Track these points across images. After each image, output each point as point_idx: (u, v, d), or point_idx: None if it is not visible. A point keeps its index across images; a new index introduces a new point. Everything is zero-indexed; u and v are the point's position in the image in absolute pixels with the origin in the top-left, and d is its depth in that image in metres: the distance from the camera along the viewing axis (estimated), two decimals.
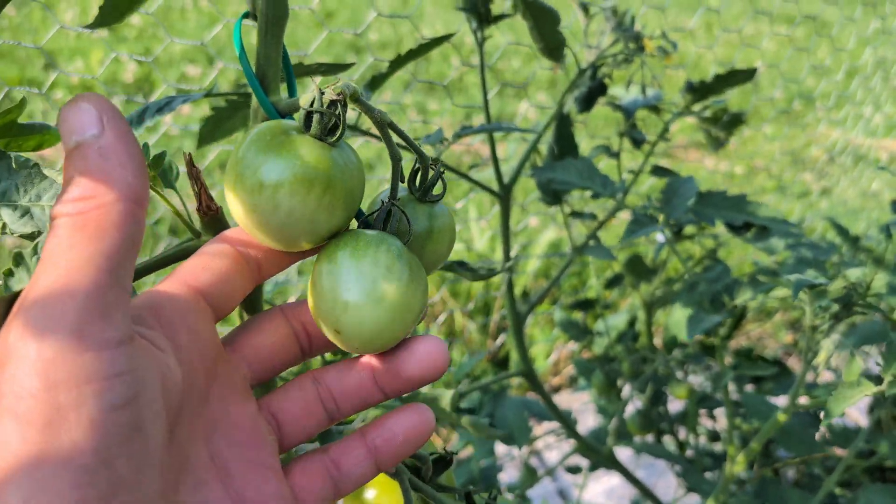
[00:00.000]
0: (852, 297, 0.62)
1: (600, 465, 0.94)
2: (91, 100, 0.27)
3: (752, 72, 0.88)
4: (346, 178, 0.32)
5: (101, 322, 0.25)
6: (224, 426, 0.32)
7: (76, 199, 0.26)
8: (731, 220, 0.81)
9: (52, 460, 0.23)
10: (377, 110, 0.36)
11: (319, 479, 0.34)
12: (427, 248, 0.36)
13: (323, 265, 0.33)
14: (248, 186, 0.32)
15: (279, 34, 0.41)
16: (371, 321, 0.32)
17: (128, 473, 0.24)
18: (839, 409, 0.58)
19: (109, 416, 0.24)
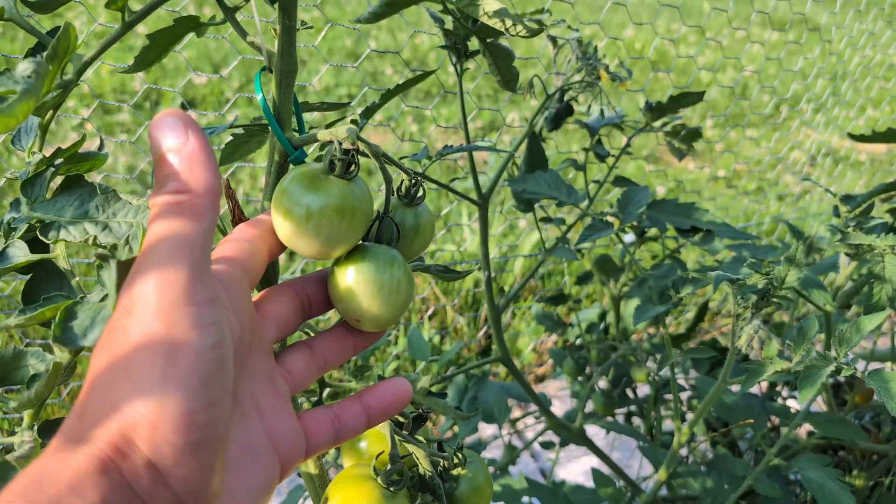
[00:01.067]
0: (769, 290, 0.74)
1: (571, 441, 1.06)
2: (176, 114, 0.36)
3: (700, 94, 1.00)
4: (363, 204, 0.46)
5: (201, 285, 0.33)
6: (257, 374, 0.41)
7: (174, 191, 0.35)
8: (679, 224, 0.93)
9: (173, 381, 0.31)
10: (373, 145, 0.49)
11: (324, 425, 0.44)
12: (416, 240, 0.50)
13: (348, 273, 0.46)
14: (297, 218, 0.44)
15: (291, 83, 0.53)
16: (385, 316, 0.46)
17: (218, 395, 0.32)
18: (752, 383, 0.70)
19: (208, 352, 0.32)
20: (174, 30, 0.56)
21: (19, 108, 0.33)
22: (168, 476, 0.31)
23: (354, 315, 0.46)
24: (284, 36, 0.51)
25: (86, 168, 0.61)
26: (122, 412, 0.31)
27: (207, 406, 0.32)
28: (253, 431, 0.39)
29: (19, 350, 0.54)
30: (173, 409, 0.31)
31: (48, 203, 0.49)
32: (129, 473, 0.30)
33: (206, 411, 0.32)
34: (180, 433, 0.31)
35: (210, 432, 0.32)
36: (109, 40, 0.50)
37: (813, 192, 2.72)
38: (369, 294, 0.45)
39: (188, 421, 0.31)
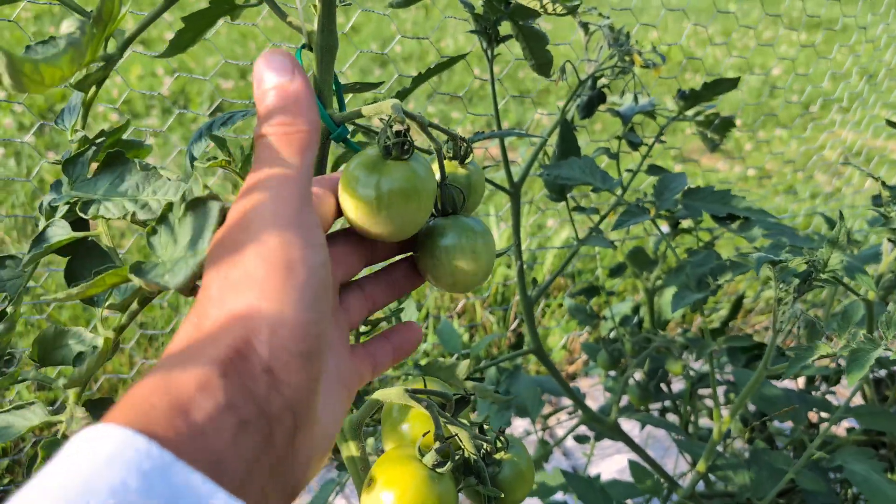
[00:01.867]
0: (811, 273, 0.73)
1: (606, 435, 1.04)
2: (283, 54, 0.39)
3: (735, 80, 0.99)
4: (426, 182, 0.45)
5: (308, 209, 0.35)
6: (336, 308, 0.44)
7: (281, 123, 0.37)
8: (715, 211, 0.91)
9: (292, 291, 0.33)
10: (418, 115, 0.48)
11: (365, 362, 0.46)
12: (471, 197, 0.52)
13: (438, 243, 0.47)
14: (365, 204, 0.44)
15: (331, 61, 0.53)
16: (475, 279, 0.48)
17: (325, 311, 0.35)
18: (796, 368, 0.69)
19: (319, 269, 0.34)
20: (209, 12, 0.56)
21: (63, 60, 0.33)
22: (282, 383, 0.32)
23: (448, 282, 0.48)
24: (324, 11, 0.51)
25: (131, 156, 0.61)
26: (243, 317, 0.32)
27: (319, 318, 0.34)
28: (339, 356, 0.42)
29: (61, 329, 0.54)
30: (292, 317, 0.32)
31: (89, 182, 0.49)
32: (248, 377, 0.31)
33: (317, 323, 0.34)
34: (297, 341, 0.33)
35: (319, 344, 0.34)
36: (150, 17, 0.50)
37: (845, 190, 2.68)
38: (457, 258, 0.47)
39: (304, 330, 0.33)
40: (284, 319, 0.33)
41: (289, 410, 0.33)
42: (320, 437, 0.37)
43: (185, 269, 0.37)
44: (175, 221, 0.40)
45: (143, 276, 0.38)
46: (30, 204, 2.11)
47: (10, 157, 2.28)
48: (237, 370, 0.31)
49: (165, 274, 0.38)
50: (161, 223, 0.41)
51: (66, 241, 0.49)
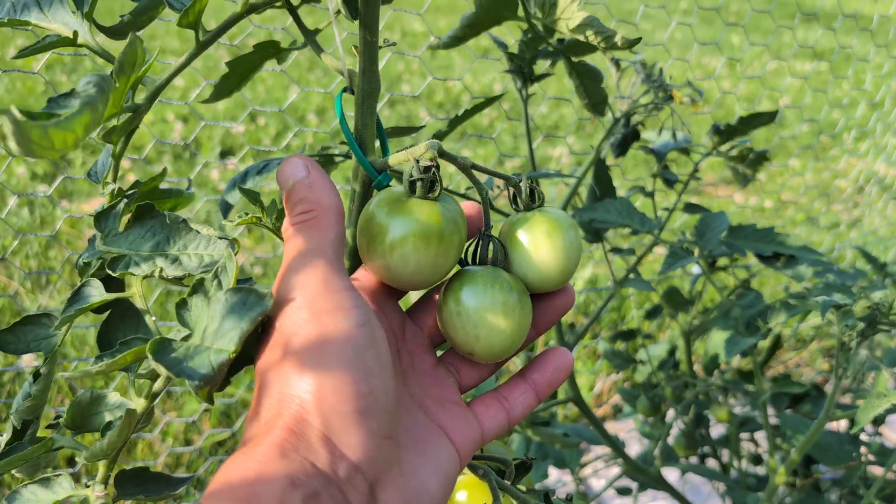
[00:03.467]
0: (876, 316, 0.69)
1: (649, 486, 0.99)
2: (298, 157, 0.41)
3: (773, 114, 0.96)
4: (453, 225, 0.41)
5: (338, 277, 0.36)
6: (413, 373, 0.43)
7: (302, 211, 0.39)
8: (760, 250, 0.88)
9: (328, 356, 0.34)
10: (460, 158, 0.45)
11: (494, 408, 0.44)
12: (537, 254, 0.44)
13: (451, 305, 0.42)
14: (381, 250, 0.41)
15: (373, 105, 0.50)
16: (498, 347, 0.42)
17: (374, 366, 0.35)
18: (866, 418, 0.64)
19: (357, 329, 0.35)
20: (254, 56, 0.53)
21: (76, 122, 0.30)
22: (342, 445, 0.33)
23: (464, 350, 0.42)
24: (366, 53, 0.48)
25: (167, 207, 0.58)
26: (291, 398, 0.34)
27: (365, 375, 0.34)
28: (420, 423, 0.41)
29: (97, 394, 0.50)
30: (334, 380, 0.33)
31: (120, 236, 0.46)
32: (308, 452, 0.33)
33: (365, 380, 0.34)
34: (345, 401, 0.33)
35: (373, 401, 0.34)
36: (184, 62, 0.47)
37: (865, 219, 2.64)
38: (472, 325, 0.41)
39: (350, 390, 0.34)
40: (328, 384, 0.33)
41: (357, 472, 0.34)
42: (415, 493, 0.37)
43: (208, 363, 0.35)
44: (211, 297, 0.37)
45: (162, 360, 0.36)
46: (44, 254, 2.08)
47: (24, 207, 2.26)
48: (295, 447, 0.33)
49: (186, 362, 0.35)
50: (194, 294, 0.38)
51: (99, 303, 0.46)
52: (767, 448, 1.25)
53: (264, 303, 0.35)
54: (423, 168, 0.41)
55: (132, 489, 0.50)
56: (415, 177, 0.41)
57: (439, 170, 0.42)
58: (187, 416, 1.44)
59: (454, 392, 0.44)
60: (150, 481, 0.47)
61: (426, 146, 0.43)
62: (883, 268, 1.15)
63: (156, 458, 1.38)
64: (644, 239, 0.92)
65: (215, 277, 0.38)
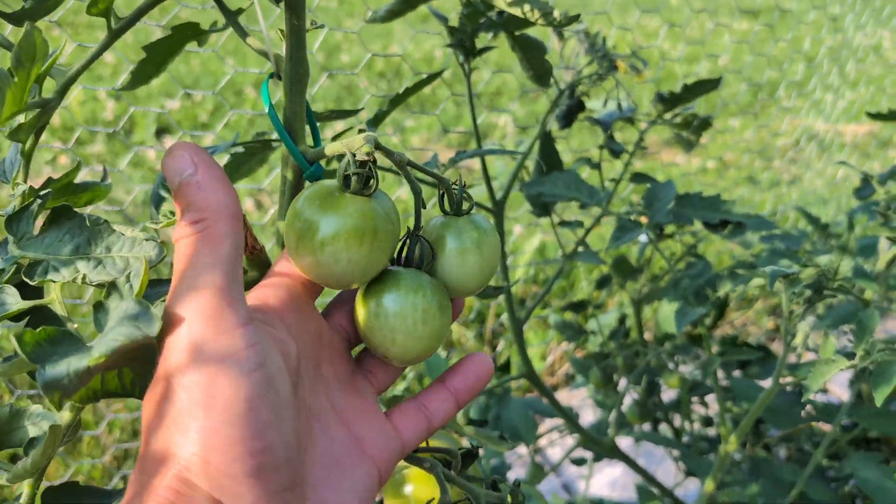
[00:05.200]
0: (822, 283, 0.69)
1: (604, 456, 1.00)
2: (183, 147, 0.36)
3: (717, 81, 0.95)
4: (388, 223, 0.39)
5: (229, 310, 0.32)
6: (335, 382, 0.40)
7: (189, 223, 0.34)
8: (707, 218, 0.87)
9: (215, 413, 0.30)
10: (396, 153, 0.42)
11: (414, 417, 0.42)
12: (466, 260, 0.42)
13: (371, 306, 0.40)
14: (310, 247, 0.38)
15: (302, 91, 0.47)
16: (413, 351, 0.40)
17: (270, 417, 0.31)
18: (817, 384, 0.65)
19: (250, 376, 0.31)
20: (172, 39, 0.50)
21: None
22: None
23: (379, 352, 0.41)
24: (293, 37, 0.45)
25: (84, 201, 0.55)
26: (173, 457, 0.30)
27: (258, 430, 0.31)
28: (339, 442, 0.38)
29: (16, 410, 0.47)
30: (221, 440, 0.30)
31: (36, 240, 0.43)
32: None
33: (258, 437, 0.31)
34: (235, 462, 0.30)
35: (269, 457, 0.31)
36: (95, 53, 0.43)
37: (806, 176, 2.69)
38: (389, 328, 0.40)
39: (241, 450, 0.30)
40: (214, 445, 0.30)
41: None
42: None
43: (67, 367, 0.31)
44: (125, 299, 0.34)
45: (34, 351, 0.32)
46: None
47: None
48: None
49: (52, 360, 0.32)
50: (110, 296, 0.35)
51: (14, 312, 0.43)
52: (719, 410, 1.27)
53: (151, 327, 0.32)
54: (358, 162, 0.39)
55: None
56: (350, 171, 0.39)
57: (376, 164, 0.40)
58: (135, 411, 1.40)
59: (373, 402, 0.41)
60: (82, 496, 0.44)
61: (363, 139, 0.40)
62: (825, 228, 1.16)
63: (103, 454, 1.34)
64: (592, 210, 0.91)
65: (128, 280, 0.35)
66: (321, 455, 0.37)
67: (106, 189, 0.57)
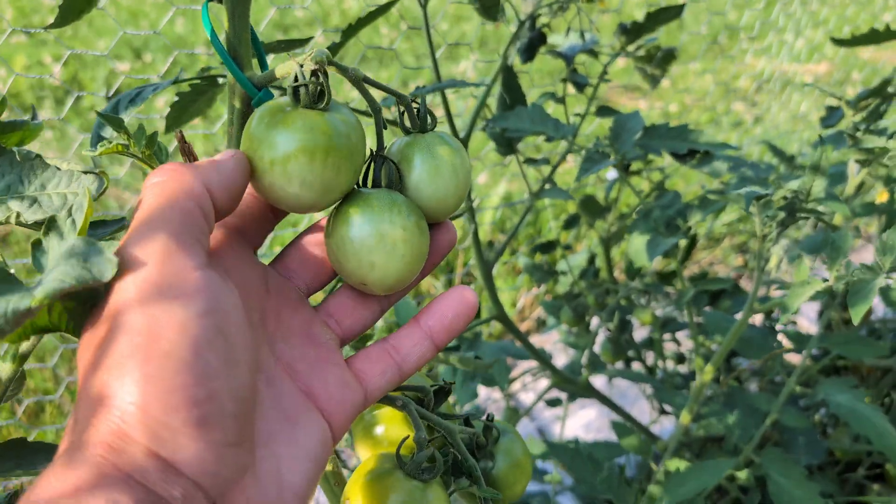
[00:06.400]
0: (796, 204, 0.68)
1: (579, 395, 0.99)
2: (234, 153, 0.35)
3: (680, 8, 0.92)
4: (345, 138, 0.36)
5: (184, 252, 0.30)
6: (282, 333, 0.37)
7: (158, 172, 0.33)
8: (675, 149, 0.86)
9: (156, 358, 0.28)
10: (351, 69, 0.39)
11: (381, 362, 0.39)
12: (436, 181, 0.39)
13: (342, 230, 0.37)
14: (261, 167, 0.35)
15: (246, 12, 0.43)
16: (395, 274, 0.37)
17: (217, 365, 0.29)
18: (795, 304, 0.64)
19: (196, 321, 0.29)
20: None
21: None
22: (177, 462, 0.28)
23: (355, 280, 0.38)
24: None
25: (14, 141, 0.51)
26: (109, 406, 0.28)
27: (203, 378, 0.28)
28: (286, 396, 0.35)
29: None
30: (161, 386, 0.28)
31: None
32: (134, 470, 0.27)
33: (201, 384, 0.28)
34: (175, 412, 0.28)
35: (213, 407, 0.29)
36: None
37: (765, 116, 2.69)
38: (367, 250, 0.37)
39: (182, 397, 0.28)
40: (153, 392, 0.28)
41: (198, 490, 0.29)
42: (274, 497, 0.32)
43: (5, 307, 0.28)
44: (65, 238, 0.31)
45: None
46: None
47: None
48: (116, 466, 0.27)
49: None
50: (48, 234, 0.32)
51: None
52: (691, 347, 1.27)
53: (103, 268, 0.29)
54: (308, 73, 0.36)
55: (8, 464, 0.45)
56: (299, 82, 0.36)
57: (328, 78, 0.37)
58: None
59: (331, 350, 0.38)
60: (29, 454, 0.42)
61: (311, 53, 0.37)
62: (790, 160, 1.15)
63: (64, 420, 1.30)
64: (558, 147, 0.89)
65: (69, 215, 0.32)
66: (268, 409, 0.34)
67: (36, 128, 0.53)
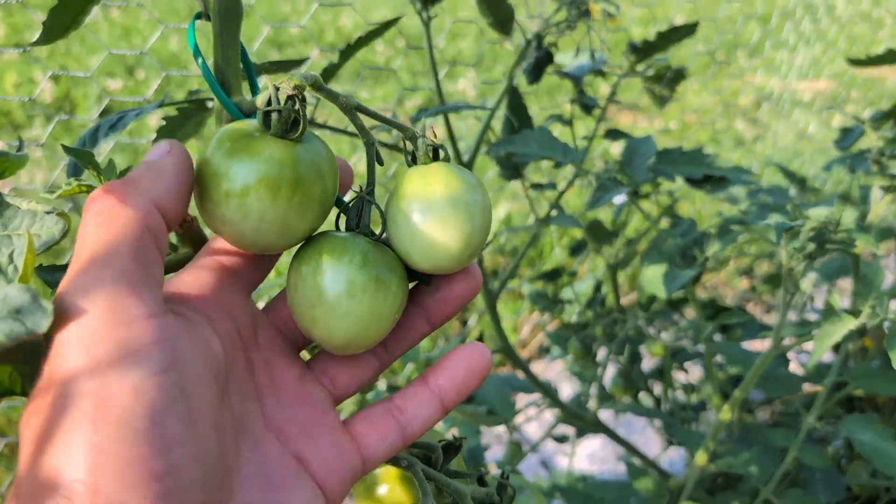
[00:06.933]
0: (825, 235, 0.63)
1: (587, 431, 0.94)
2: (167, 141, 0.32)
3: (693, 26, 0.89)
4: (315, 173, 0.32)
5: (134, 298, 0.26)
6: (272, 390, 0.33)
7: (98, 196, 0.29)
8: (690, 174, 0.81)
9: (107, 425, 0.24)
10: (342, 95, 0.35)
11: (384, 425, 0.35)
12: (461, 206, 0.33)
13: (292, 276, 0.33)
14: (215, 197, 0.31)
15: (235, 32, 0.39)
16: (340, 334, 0.32)
17: (178, 432, 0.26)
18: (826, 345, 0.59)
19: (152, 381, 0.25)
20: None
21: None
22: None
23: (305, 331, 0.33)
24: None
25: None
26: (53, 487, 0.24)
27: (164, 448, 0.25)
28: (274, 461, 0.32)
29: None
30: (113, 462, 0.24)
31: None
32: None
33: (162, 455, 0.25)
34: (132, 489, 0.24)
35: (177, 480, 0.25)
36: None
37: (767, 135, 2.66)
38: (308, 303, 0.32)
39: (139, 472, 0.24)
40: (105, 470, 0.24)
41: None
42: None
43: None
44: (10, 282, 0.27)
45: None
46: None
47: None
48: None
49: None
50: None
51: None
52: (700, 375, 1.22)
53: (38, 321, 0.25)
54: (284, 97, 0.32)
55: None
56: (271, 107, 0.31)
57: (305, 105, 0.32)
58: None
59: (325, 411, 0.34)
60: None
61: (292, 76, 0.33)
62: (803, 182, 1.11)
63: None
64: (563, 171, 0.84)
65: (11, 262, 0.29)
66: (252, 476, 0.30)
67: (18, 161, 0.49)
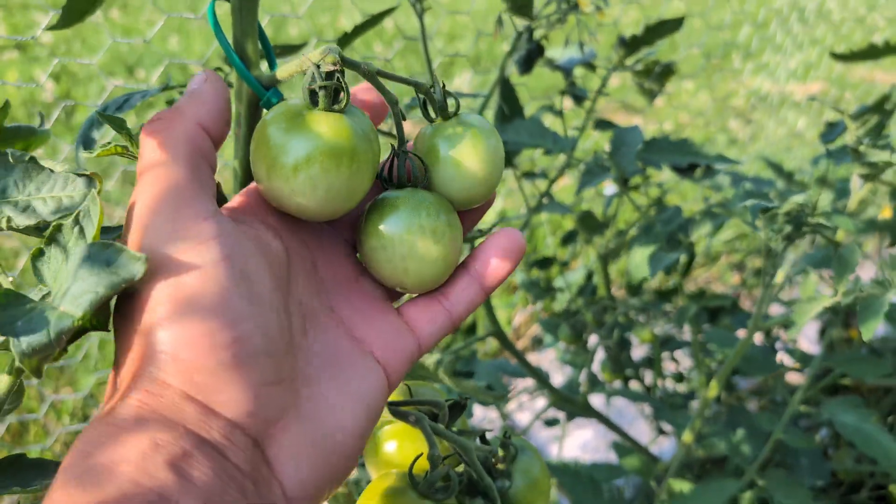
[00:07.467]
0: (802, 218, 0.66)
1: (577, 415, 0.97)
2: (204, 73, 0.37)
3: (679, 21, 0.91)
4: (367, 140, 0.35)
5: (190, 205, 0.31)
6: (334, 284, 0.37)
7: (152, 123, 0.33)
8: (676, 162, 0.84)
9: (180, 307, 0.29)
10: (363, 63, 0.38)
11: (432, 310, 0.38)
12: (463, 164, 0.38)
13: (373, 239, 0.37)
14: (282, 175, 0.34)
15: (254, 9, 0.42)
16: (430, 277, 0.37)
17: (243, 308, 0.30)
18: (803, 321, 0.62)
19: (215, 267, 0.30)
20: None
21: None
22: (213, 403, 0.29)
23: (393, 284, 0.37)
24: None
25: (18, 148, 0.50)
26: (142, 359, 0.29)
27: (232, 320, 0.29)
28: (338, 342, 0.36)
29: None
30: (189, 333, 0.29)
31: None
32: (173, 413, 0.28)
33: (230, 326, 0.29)
34: (206, 355, 0.29)
35: (245, 348, 0.30)
36: None
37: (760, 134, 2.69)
38: (399, 257, 0.36)
39: (211, 341, 0.29)
40: (181, 340, 0.29)
41: (236, 429, 0.29)
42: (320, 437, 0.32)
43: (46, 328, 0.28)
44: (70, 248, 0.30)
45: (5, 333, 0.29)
46: None
47: None
48: (155, 410, 0.28)
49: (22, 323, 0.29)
50: (51, 244, 0.30)
51: None
52: (690, 365, 1.25)
53: (133, 268, 0.29)
54: (325, 74, 0.35)
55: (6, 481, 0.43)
56: (316, 84, 0.34)
57: (344, 76, 0.35)
58: (82, 391, 1.34)
59: (382, 301, 0.38)
60: (27, 469, 0.40)
61: (324, 50, 0.36)
62: (789, 176, 1.14)
63: (49, 440, 1.27)
64: (554, 162, 0.87)
65: (76, 223, 0.31)
66: (317, 354, 0.34)
67: (43, 136, 0.52)
